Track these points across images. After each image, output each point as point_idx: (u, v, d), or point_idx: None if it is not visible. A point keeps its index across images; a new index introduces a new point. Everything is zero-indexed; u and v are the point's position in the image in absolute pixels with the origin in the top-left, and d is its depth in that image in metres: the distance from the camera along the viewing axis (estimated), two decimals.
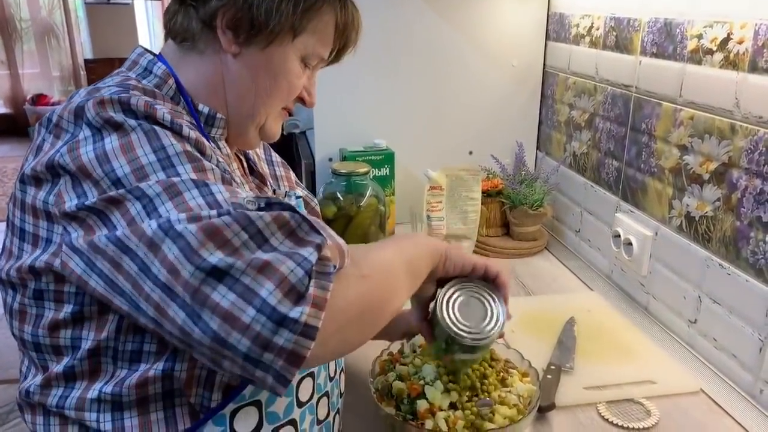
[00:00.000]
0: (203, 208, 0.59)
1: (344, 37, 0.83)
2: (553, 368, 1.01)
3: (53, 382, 0.70)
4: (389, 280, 0.70)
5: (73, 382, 0.69)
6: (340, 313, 0.60)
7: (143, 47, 0.81)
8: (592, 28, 1.43)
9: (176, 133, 0.66)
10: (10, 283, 0.71)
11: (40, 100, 5.46)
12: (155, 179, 0.61)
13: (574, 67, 1.54)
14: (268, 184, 0.93)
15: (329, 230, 0.65)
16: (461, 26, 1.60)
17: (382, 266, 0.70)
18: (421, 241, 0.80)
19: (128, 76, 0.77)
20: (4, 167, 4.53)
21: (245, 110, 0.81)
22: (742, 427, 0.92)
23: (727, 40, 1.01)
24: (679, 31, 1.13)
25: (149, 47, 0.82)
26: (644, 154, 1.25)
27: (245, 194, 0.64)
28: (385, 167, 1.56)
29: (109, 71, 0.80)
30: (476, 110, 1.68)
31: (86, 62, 5.82)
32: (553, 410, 0.93)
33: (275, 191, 0.95)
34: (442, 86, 1.64)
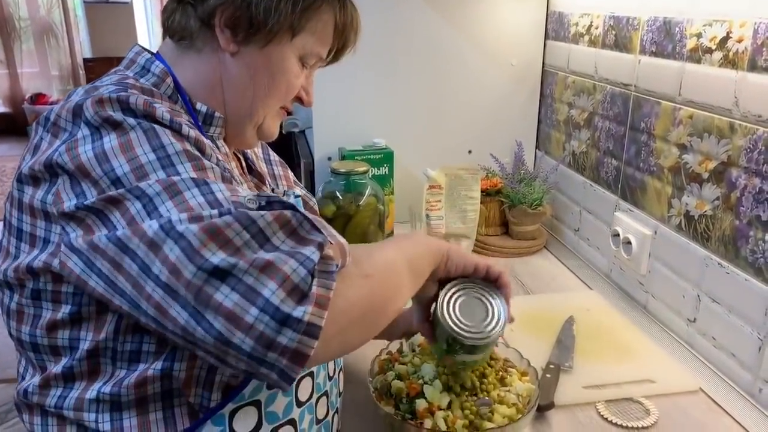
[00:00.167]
0: (204, 207, 0.59)
1: (343, 37, 0.83)
2: (552, 367, 1.01)
3: (52, 382, 0.70)
4: (392, 279, 0.70)
5: (71, 382, 0.69)
6: (342, 312, 0.60)
7: (141, 46, 0.81)
8: (591, 26, 1.43)
9: (176, 131, 0.66)
10: (7, 283, 0.70)
11: (38, 99, 5.44)
12: (155, 178, 0.61)
13: (573, 66, 1.53)
14: (266, 183, 0.93)
15: (330, 229, 0.65)
16: (460, 25, 1.60)
17: (384, 266, 0.69)
18: (422, 240, 0.80)
19: (126, 74, 0.76)
20: (2, 166, 4.52)
21: (243, 109, 0.80)
22: (741, 426, 0.92)
23: (726, 38, 1.01)
24: (678, 29, 1.13)
25: (148, 46, 0.82)
26: (643, 153, 1.25)
27: (245, 193, 0.63)
28: (384, 166, 1.56)
29: (108, 70, 0.80)
30: (475, 109, 1.68)
31: (85, 61, 5.80)
32: (552, 409, 0.93)
33: (273, 190, 0.95)
34: (441, 85, 1.64)
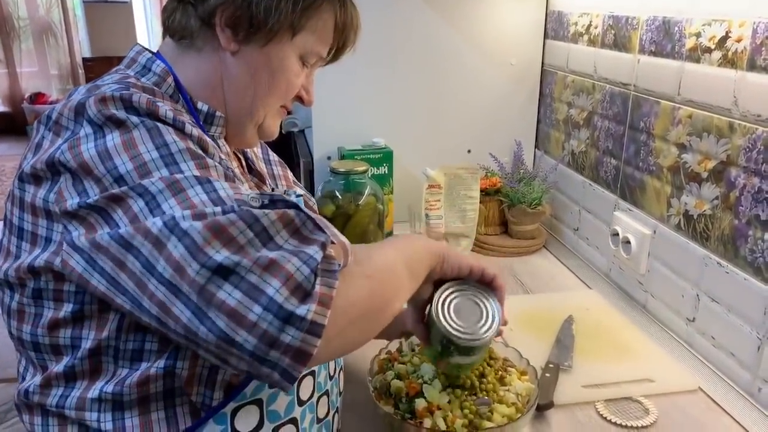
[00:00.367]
0: (207, 204, 0.59)
1: (343, 36, 0.83)
2: (551, 367, 1.02)
3: (53, 381, 0.70)
4: (392, 280, 0.70)
5: (73, 381, 0.69)
6: (344, 311, 0.60)
7: (141, 45, 0.81)
8: (590, 26, 1.43)
9: (179, 130, 0.66)
10: (7, 283, 0.70)
11: (38, 98, 5.44)
12: (158, 176, 0.61)
13: (572, 65, 1.54)
14: (266, 182, 0.93)
15: (333, 228, 0.65)
16: (460, 25, 1.60)
17: (385, 266, 0.70)
18: (419, 242, 0.80)
19: (127, 74, 0.76)
20: (2, 166, 4.52)
21: (244, 108, 0.81)
22: (740, 425, 0.92)
23: (725, 38, 1.01)
24: (677, 29, 1.13)
25: (148, 46, 0.82)
26: (643, 152, 1.25)
27: (248, 191, 0.63)
28: (383, 166, 1.56)
29: (107, 70, 0.80)
30: (475, 109, 1.68)
31: (84, 61, 5.80)
32: (551, 409, 0.93)
33: (273, 190, 0.95)
34: (440, 85, 1.64)
